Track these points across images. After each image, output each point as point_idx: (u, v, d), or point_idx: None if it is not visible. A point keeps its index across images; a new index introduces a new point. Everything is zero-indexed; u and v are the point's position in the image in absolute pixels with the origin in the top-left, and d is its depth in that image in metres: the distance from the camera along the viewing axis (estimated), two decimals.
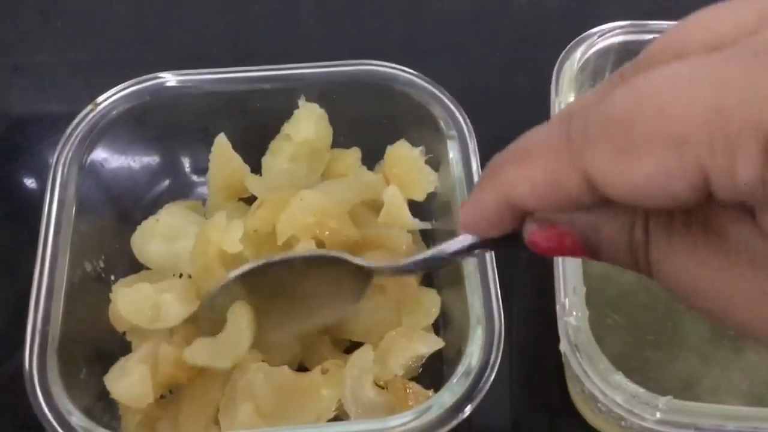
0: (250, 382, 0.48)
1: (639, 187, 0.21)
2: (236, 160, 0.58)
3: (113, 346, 0.52)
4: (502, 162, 0.25)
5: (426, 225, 0.57)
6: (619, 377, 0.44)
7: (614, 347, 0.53)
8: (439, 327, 0.55)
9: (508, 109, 0.69)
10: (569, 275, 0.47)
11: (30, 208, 0.58)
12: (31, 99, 0.73)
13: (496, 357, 0.45)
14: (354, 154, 0.60)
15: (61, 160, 0.53)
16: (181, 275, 0.54)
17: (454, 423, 0.43)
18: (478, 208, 0.27)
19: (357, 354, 0.50)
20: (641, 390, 0.43)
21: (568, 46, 0.57)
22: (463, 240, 0.32)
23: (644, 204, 0.21)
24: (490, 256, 0.48)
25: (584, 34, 0.58)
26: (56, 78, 0.74)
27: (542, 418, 0.55)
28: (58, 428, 0.43)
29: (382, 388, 0.51)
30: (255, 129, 0.59)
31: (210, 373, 0.50)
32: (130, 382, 0.48)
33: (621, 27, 0.58)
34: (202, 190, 0.63)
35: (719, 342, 0.54)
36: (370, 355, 0.49)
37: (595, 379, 0.44)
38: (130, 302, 0.51)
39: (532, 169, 0.24)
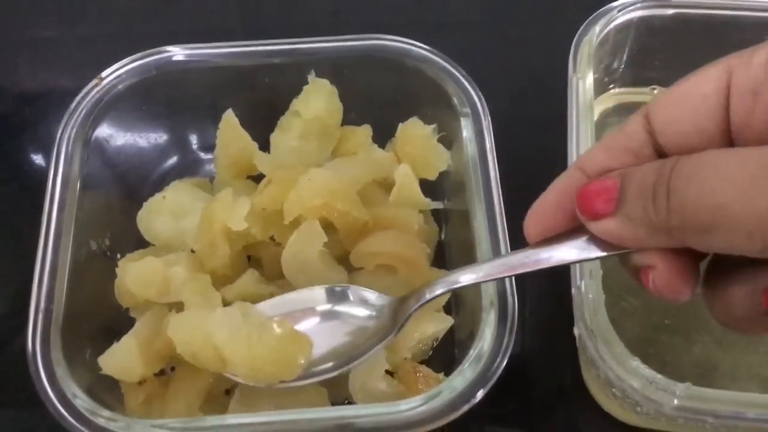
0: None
1: (679, 98, 0.30)
2: (244, 137, 0.57)
3: (119, 326, 0.52)
4: None
5: (438, 204, 0.57)
6: (636, 362, 0.43)
7: (630, 331, 0.52)
8: (450, 309, 0.54)
9: (523, 86, 0.67)
10: None
11: (36, 184, 0.57)
12: (39, 73, 0.72)
13: (509, 341, 0.44)
14: (365, 132, 0.59)
15: (65, 136, 0.52)
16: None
17: (466, 408, 0.42)
18: (543, 196, 0.34)
19: None
20: (659, 376, 0.42)
21: (587, 20, 0.56)
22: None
23: (678, 119, 0.30)
24: (504, 238, 0.47)
25: (603, 8, 0.57)
26: (64, 52, 0.73)
27: (556, 403, 0.54)
28: (63, 411, 0.42)
29: (392, 373, 0.50)
30: (264, 105, 0.58)
31: None
32: (116, 354, 0.48)
33: (642, 1, 0.57)
34: (210, 167, 0.62)
35: None
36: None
37: (612, 364, 0.43)
38: (138, 276, 0.50)
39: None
